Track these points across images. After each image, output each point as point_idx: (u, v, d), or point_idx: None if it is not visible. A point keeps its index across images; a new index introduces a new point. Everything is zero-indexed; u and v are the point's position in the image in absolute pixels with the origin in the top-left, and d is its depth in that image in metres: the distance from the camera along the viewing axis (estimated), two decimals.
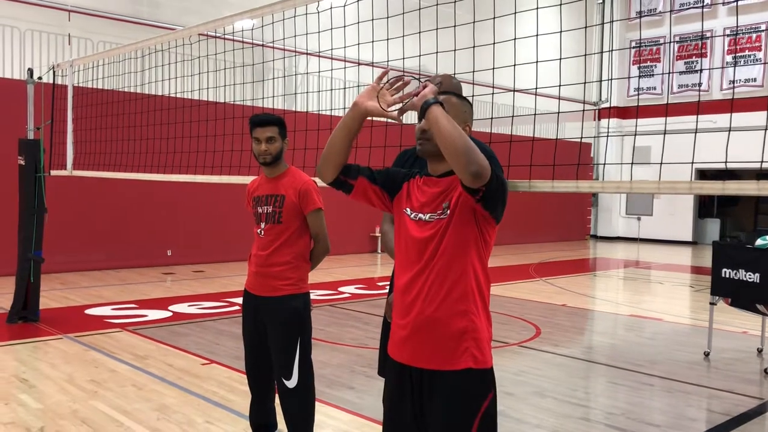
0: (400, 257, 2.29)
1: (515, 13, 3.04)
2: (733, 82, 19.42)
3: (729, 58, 19.73)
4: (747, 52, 19.44)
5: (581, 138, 3.44)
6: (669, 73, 20.77)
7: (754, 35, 19.26)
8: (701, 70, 20.23)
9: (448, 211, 2.17)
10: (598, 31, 21.46)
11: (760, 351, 6.69)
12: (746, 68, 19.40)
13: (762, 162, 2.20)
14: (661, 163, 2.54)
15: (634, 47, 21.75)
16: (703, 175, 18.78)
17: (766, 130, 2.23)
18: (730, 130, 2.56)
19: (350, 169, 2.34)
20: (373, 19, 3.63)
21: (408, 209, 2.28)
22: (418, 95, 2.14)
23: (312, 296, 3.81)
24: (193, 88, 6.87)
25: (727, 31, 19.46)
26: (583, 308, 9.41)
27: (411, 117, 2.30)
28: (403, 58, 3.52)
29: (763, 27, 19.03)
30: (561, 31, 2.67)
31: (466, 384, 2.15)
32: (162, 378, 5.32)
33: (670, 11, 20.84)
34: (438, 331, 2.15)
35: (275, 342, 3.51)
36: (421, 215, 2.24)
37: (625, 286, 12.45)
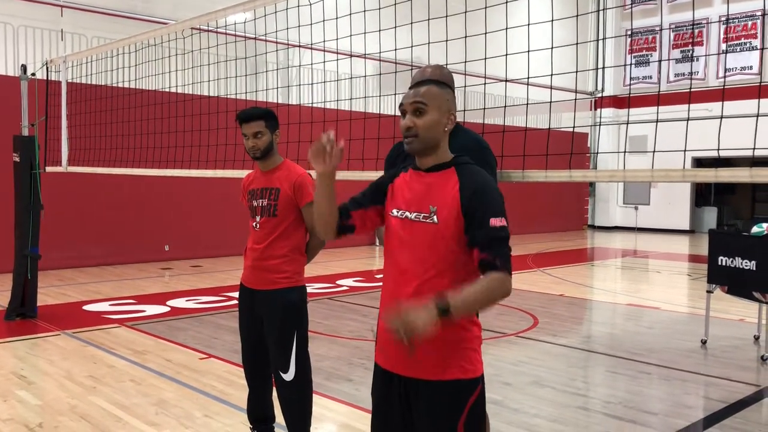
0: (389, 260, 2.23)
1: (507, 2, 3.03)
2: (726, 70, 19.37)
3: (725, 46, 19.70)
4: (743, 40, 19.42)
5: (573, 128, 3.43)
6: (663, 60, 20.72)
7: (749, 23, 19.23)
8: (693, 58, 20.19)
9: (436, 217, 2.11)
10: (593, 19, 21.40)
11: (756, 338, 6.71)
12: (742, 56, 19.36)
13: (754, 149, 2.20)
14: (654, 151, 2.53)
15: (629, 36, 21.70)
16: (700, 163, 18.78)
17: (757, 117, 2.23)
18: (722, 118, 2.55)
19: (341, 212, 2.30)
20: (365, 11, 3.61)
21: (394, 210, 2.22)
22: (417, 326, 1.89)
23: (310, 289, 3.81)
24: (187, 83, 6.85)
25: (722, 19, 19.41)
26: (580, 298, 9.42)
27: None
28: (395, 49, 3.51)
29: (758, 14, 18.99)
30: (553, 20, 2.66)
31: (454, 393, 2.12)
32: (160, 373, 5.32)
33: None
34: (426, 341, 2.02)
35: (272, 335, 3.51)
36: (407, 213, 2.17)
37: (622, 276, 12.47)
